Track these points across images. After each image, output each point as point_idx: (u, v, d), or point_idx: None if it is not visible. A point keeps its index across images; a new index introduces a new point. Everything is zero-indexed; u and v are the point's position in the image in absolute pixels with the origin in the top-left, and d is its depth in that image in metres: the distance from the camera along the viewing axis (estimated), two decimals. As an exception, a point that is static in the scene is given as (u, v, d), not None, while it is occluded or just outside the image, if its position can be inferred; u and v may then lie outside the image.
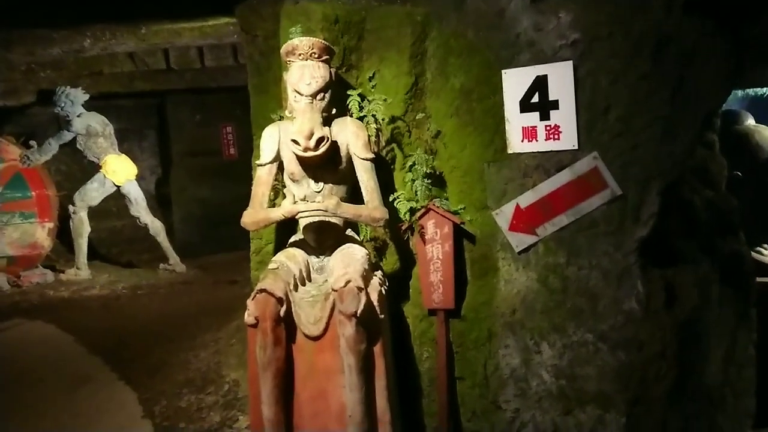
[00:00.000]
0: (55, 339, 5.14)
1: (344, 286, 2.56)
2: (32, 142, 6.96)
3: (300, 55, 2.85)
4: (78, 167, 7.49)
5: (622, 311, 2.69)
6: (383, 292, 2.82)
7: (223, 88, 7.62)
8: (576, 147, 2.71)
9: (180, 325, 5.25)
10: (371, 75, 3.24)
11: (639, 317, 2.67)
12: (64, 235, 7.42)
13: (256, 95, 3.64)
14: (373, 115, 3.10)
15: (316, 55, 2.86)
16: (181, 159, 8.71)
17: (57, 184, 7.32)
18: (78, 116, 6.72)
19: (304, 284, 2.87)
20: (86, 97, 6.76)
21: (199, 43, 6.15)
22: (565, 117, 2.72)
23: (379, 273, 2.98)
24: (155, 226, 7.17)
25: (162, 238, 7.19)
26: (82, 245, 6.96)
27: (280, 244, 3.26)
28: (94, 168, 6.93)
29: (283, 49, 2.92)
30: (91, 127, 6.74)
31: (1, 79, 6.56)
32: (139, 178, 7.23)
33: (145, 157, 8.56)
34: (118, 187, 6.94)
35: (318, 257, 3.02)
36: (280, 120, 3.19)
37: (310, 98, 2.82)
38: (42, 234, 7.06)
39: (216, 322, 5.12)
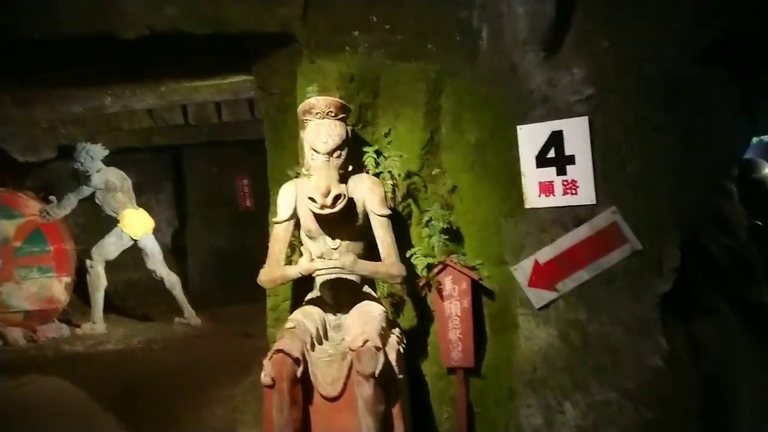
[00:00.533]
0: (69, 395, 5.09)
1: (362, 346, 2.53)
2: (52, 197, 7.06)
3: (317, 113, 2.90)
4: (96, 221, 7.57)
5: (646, 367, 2.62)
6: (401, 350, 2.78)
7: (239, 141, 7.74)
8: (594, 202, 2.70)
9: (195, 380, 5.19)
10: (387, 131, 3.27)
11: (664, 373, 2.61)
12: (80, 288, 7.44)
13: (273, 151, 3.68)
14: (389, 171, 3.12)
15: (333, 114, 2.90)
16: (197, 210, 8.79)
17: (75, 237, 7.39)
18: (97, 171, 6.82)
19: (321, 343, 2.84)
20: (105, 152, 6.88)
21: (217, 98, 6.30)
22: (582, 172, 2.72)
23: (396, 331, 2.95)
24: (171, 280, 7.17)
25: (177, 291, 7.19)
26: (99, 299, 6.97)
27: (297, 301, 3.24)
28: (111, 222, 7.01)
29: (300, 107, 2.97)
30: (109, 182, 6.84)
31: (23, 136, 6.70)
32: (156, 231, 7.28)
33: (162, 209, 8.64)
34: (135, 240, 6.99)
35: (335, 315, 3.00)
36: (296, 176, 3.22)
37: (327, 156, 2.85)
38: (59, 288, 7.08)
39: (231, 378, 5.05)
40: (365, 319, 2.75)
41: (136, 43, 3.42)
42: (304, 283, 3.19)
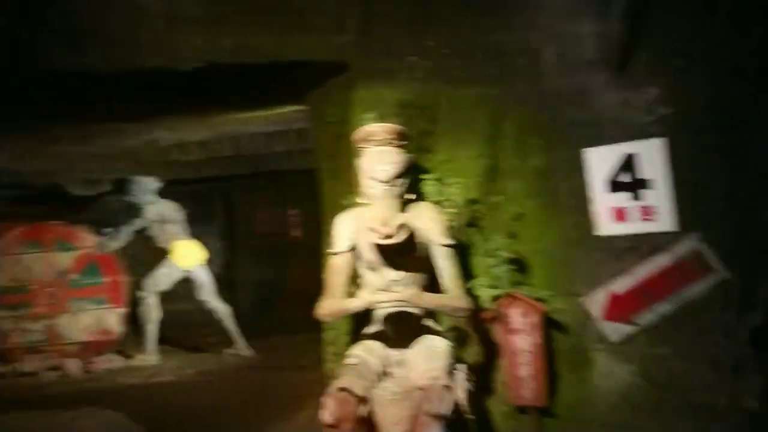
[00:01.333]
0: (123, 428, 5.08)
1: (430, 384, 2.39)
2: (106, 230, 7.19)
3: (376, 141, 2.81)
4: (149, 253, 7.66)
5: (739, 409, 2.40)
6: (470, 389, 2.63)
7: (288, 171, 7.75)
8: (673, 228, 2.53)
9: (248, 413, 5.10)
10: (446, 158, 3.16)
11: (759, 415, 2.38)
12: (133, 319, 7.52)
13: (327, 181, 3.61)
14: (450, 199, 3.01)
15: (392, 141, 2.81)
16: (246, 241, 8.83)
17: (128, 269, 7.48)
18: (150, 204, 6.93)
19: (383, 380, 2.71)
20: (158, 185, 6.99)
21: (266, 129, 6.31)
22: (660, 196, 2.56)
23: (463, 367, 2.79)
24: (222, 311, 7.17)
25: (229, 322, 7.17)
26: (152, 330, 7.01)
27: (355, 335, 3.13)
28: (164, 253, 7.07)
29: (357, 135, 2.89)
30: (162, 214, 6.93)
31: (79, 170, 6.87)
32: (206, 262, 7.32)
33: (212, 241, 8.68)
34: (187, 271, 7.02)
35: (397, 350, 2.86)
36: (352, 206, 3.13)
37: (387, 184, 2.76)
38: (113, 320, 7.16)
39: (285, 412, 4.95)
40: (431, 355, 2.62)
41: (192, 76, 3.43)
42: (363, 315, 3.08)
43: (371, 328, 3.03)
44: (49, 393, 6.19)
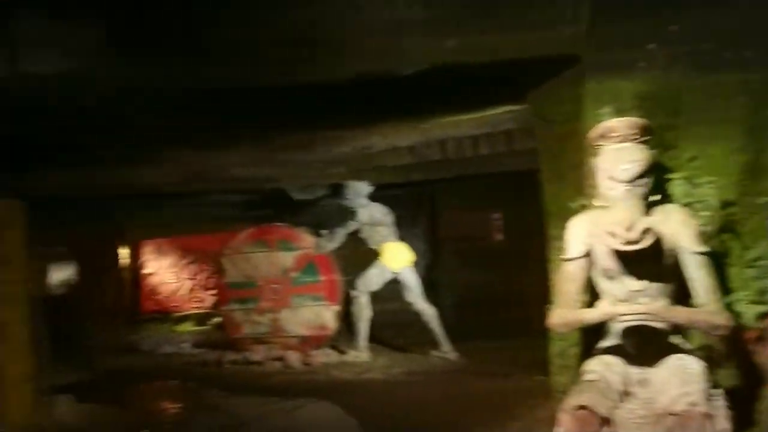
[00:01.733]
0: (340, 421, 5.33)
1: (687, 410, 2.11)
2: (323, 232, 7.68)
3: (616, 137, 2.57)
4: (360, 254, 8.06)
5: None
6: (730, 419, 2.28)
7: (492, 174, 7.63)
8: None
9: (456, 416, 5.06)
10: (694, 155, 2.81)
11: None
12: (345, 316, 7.94)
13: (550, 183, 3.43)
14: (702, 201, 2.66)
15: (635, 137, 2.55)
16: (450, 244, 8.88)
17: (342, 269, 7.91)
18: (362, 207, 7.26)
19: (624, 401, 2.46)
20: (370, 189, 7.30)
21: (474, 132, 6.25)
22: None
23: (719, 392, 2.44)
24: (429, 313, 7.27)
25: (435, 324, 7.25)
26: (363, 328, 7.34)
27: (587, 348, 2.90)
28: (374, 255, 7.36)
29: (594, 131, 2.67)
30: (374, 217, 7.23)
31: (300, 177, 7.41)
32: (413, 264, 7.47)
33: (416, 243, 8.87)
34: (396, 273, 7.23)
35: (638, 368, 2.59)
36: (579, 209, 2.91)
37: (628, 184, 2.50)
38: (329, 316, 7.62)
39: (495, 420, 4.82)
40: (685, 377, 2.31)
41: (412, 80, 3.46)
42: (595, 328, 2.84)
43: (608, 342, 2.78)
44: (272, 382, 6.74)
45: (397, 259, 7.23)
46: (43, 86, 3.33)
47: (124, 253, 11.48)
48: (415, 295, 7.28)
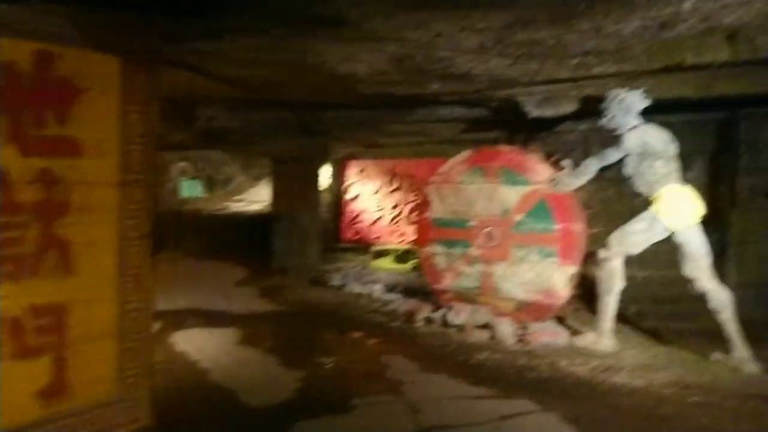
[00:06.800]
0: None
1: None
2: (565, 162, 5.47)
3: None
4: (618, 198, 5.70)
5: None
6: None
7: None
8: None
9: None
10: None
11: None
12: (584, 284, 5.76)
13: None
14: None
15: None
16: (751, 199, 6.04)
17: (590, 217, 5.68)
18: (631, 129, 4.88)
19: None
20: (646, 103, 4.88)
21: None
22: None
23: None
24: (720, 298, 4.75)
25: (727, 316, 4.73)
26: (610, 305, 5.08)
27: None
28: (643, 202, 4.98)
29: None
30: (648, 144, 4.81)
31: (543, 82, 5.21)
32: (704, 223, 4.94)
33: (711, 193, 6.22)
34: (675, 233, 4.80)
35: None
36: None
37: None
38: (561, 279, 5.50)
39: None
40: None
41: None
42: None
43: None
44: (472, 360, 4.90)
45: (677, 212, 4.79)
46: None
47: (326, 172, 10.42)
48: (701, 268, 4.80)
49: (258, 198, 13.86)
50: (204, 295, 7.26)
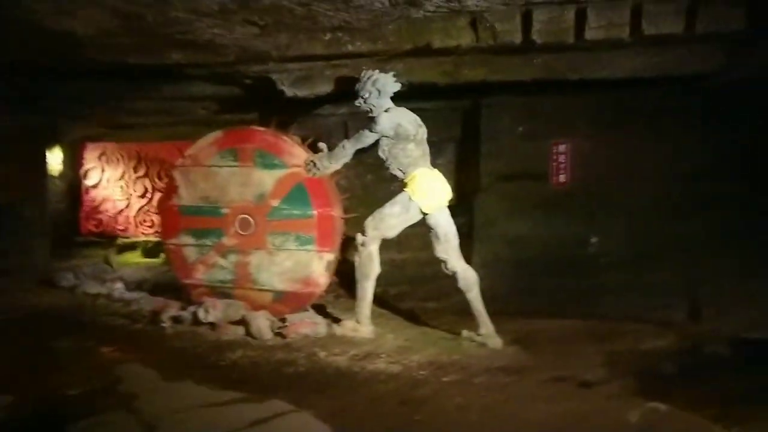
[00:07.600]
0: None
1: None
2: (321, 145, 5.24)
3: None
4: (374, 182, 5.66)
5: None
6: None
7: (577, 83, 5.25)
8: None
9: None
10: None
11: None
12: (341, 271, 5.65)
13: None
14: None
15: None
16: (492, 183, 6.47)
17: (346, 202, 5.55)
18: (385, 111, 4.81)
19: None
20: (397, 86, 4.84)
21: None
22: None
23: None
24: (467, 277, 4.93)
25: (474, 295, 4.94)
26: (368, 290, 4.99)
27: None
28: (397, 185, 4.96)
29: None
30: (401, 126, 4.78)
31: (296, 59, 4.91)
32: (452, 205, 5.08)
33: (456, 177, 6.50)
34: (427, 215, 4.86)
35: None
36: None
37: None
38: (319, 267, 5.28)
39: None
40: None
41: None
42: None
43: None
44: (226, 360, 4.45)
45: (430, 195, 4.85)
46: None
47: (57, 157, 9.01)
48: (450, 249, 4.94)
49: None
50: None
